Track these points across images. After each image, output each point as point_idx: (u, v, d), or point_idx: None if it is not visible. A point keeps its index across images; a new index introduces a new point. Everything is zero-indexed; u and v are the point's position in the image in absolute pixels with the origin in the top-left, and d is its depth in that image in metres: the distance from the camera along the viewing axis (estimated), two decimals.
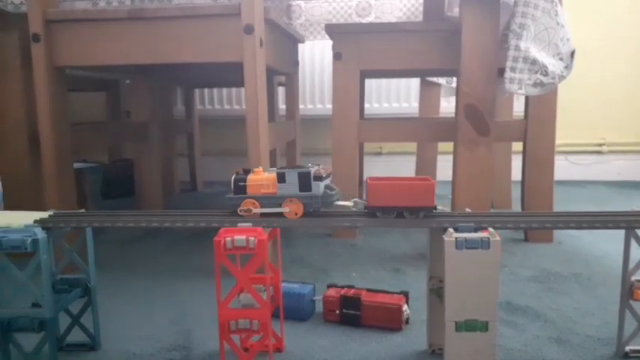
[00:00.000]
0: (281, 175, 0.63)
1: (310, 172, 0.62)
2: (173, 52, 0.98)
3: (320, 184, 0.63)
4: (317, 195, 0.63)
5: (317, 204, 0.63)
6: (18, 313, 0.61)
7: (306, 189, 0.63)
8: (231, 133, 2.13)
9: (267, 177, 0.64)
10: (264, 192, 0.64)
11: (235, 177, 0.65)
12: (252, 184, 0.64)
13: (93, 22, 0.99)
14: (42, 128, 1.02)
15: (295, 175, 0.63)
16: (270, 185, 0.64)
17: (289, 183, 0.63)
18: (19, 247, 0.60)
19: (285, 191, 0.63)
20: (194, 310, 0.86)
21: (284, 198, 0.63)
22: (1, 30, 1.11)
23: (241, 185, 0.64)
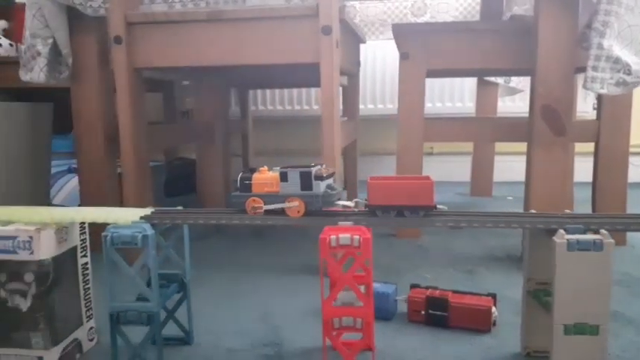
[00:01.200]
0: (283, 174, 0.65)
1: (311, 172, 0.64)
2: (251, 53, 1.00)
3: (321, 183, 0.64)
4: (318, 194, 0.64)
5: (318, 203, 0.64)
6: (128, 307, 0.63)
7: (307, 188, 0.64)
8: (283, 133, 2.15)
9: (271, 176, 0.66)
10: (268, 190, 0.65)
11: (241, 176, 0.67)
12: (257, 182, 0.66)
13: (173, 24, 1.01)
14: (122, 128, 1.05)
15: (297, 175, 0.64)
16: (273, 184, 0.65)
17: (291, 182, 0.64)
18: (129, 242, 0.62)
19: (287, 190, 0.64)
20: (278, 306, 0.87)
21: (286, 197, 0.64)
22: (80, 32, 1.15)
23: (246, 184, 0.66)
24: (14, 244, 0.64)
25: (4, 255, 0.64)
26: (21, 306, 0.65)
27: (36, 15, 1.10)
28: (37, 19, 1.10)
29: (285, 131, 2.14)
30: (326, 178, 0.65)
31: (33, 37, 1.09)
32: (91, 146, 1.17)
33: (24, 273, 0.65)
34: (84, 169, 1.18)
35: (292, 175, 0.64)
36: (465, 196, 1.81)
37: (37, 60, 1.10)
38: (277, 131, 2.15)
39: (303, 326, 0.80)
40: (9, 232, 0.64)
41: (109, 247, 0.62)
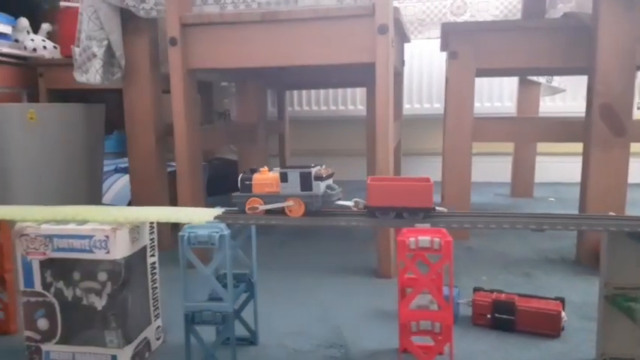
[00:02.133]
0: (283, 174, 0.65)
1: (311, 172, 0.64)
2: (306, 54, 0.99)
3: (320, 184, 0.64)
4: (317, 194, 0.64)
5: (317, 203, 0.64)
6: (203, 307, 0.64)
7: (307, 188, 0.64)
8: (319, 133, 2.15)
9: (271, 176, 0.66)
10: (268, 191, 0.66)
11: (242, 176, 0.67)
12: (257, 183, 0.66)
13: (227, 25, 1.02)
14: (177, 128, 1.06)
15: (297, 175, 0.64)
16: (273, 184, 0.66)
17: (291, 182, 0.65)
18: (206, 242, 0.62)
19: (287, 190, 0.65)
20: (335, 307, 0.87)
21: (286, 197, 0.65)
22: (132, 34, 1.16)
23: (247, 184, 0.66)
24: (91, 243, 0.65)
25: (81, 254, 0.65)
26: (96, 304, 0.66)
27: (91, 17, 1.11)
28: (93, 21, 1.11)
29: (321, 132, 2.14)
30: (325, 178, 0.66)
31: (89, 39, 1.11)
32: (143, 146, 1.19)
33: (98, 272, 0.66)
34: (135, 169, 1.20)
35: (292, 176, 0.65)
36: (504, 197, 1.78)
37: (93, 62, 1.12)
38: (313, 132, 2.15)
39: (365, 328, 0.79)
40: (86, 232, 0.65)
41: (185, 246, 0.62)
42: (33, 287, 0.67)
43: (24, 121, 0.94)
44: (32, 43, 1.86)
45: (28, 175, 0.96)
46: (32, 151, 0.97)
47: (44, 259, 0.66)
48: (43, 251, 0.66)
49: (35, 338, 0.68)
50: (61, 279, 0.66)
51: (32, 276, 0.67)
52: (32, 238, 0.66)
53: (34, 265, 0.66)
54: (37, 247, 0.66)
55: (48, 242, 0.66)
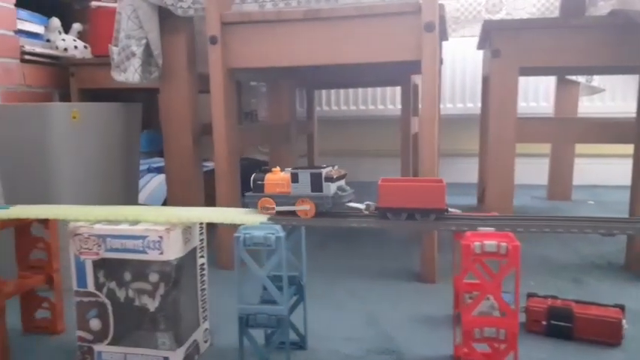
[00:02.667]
0: (294, 175, 0.65)
1: (321, 173, 0.64)
2: (349, 52, 0.98)
3: (331, 185, 0.64)
4: (328, 195, 0.63)
5: (328, 204, 0.64)
6: (258, 310, 0.62)
7: (317, 189, 0.64)
8: (347, 133, 2.13)
9: (282, 177, 0.66)
10: (280, 191, 0.66)
11: (254, 176, 0.67)
12: (269, 183, 0.66)
13: (268, 23, 1.01)
14: (216, 128, 1.05)
15: (307, 176, 0.64)
16: (284, 185, 0.65)
17: (302, 183, 0.64)
18: (262, 243, 0.61)
19: (298, 191, 0.65)
20: (382, 311, 0.85)
21: (297, 197, 0.64)
22: (170, 33, 1.16)
23: (259, 184, 0.67)
24: (144, 243, 0.64)
25: (134, 254, 0.64)
26: (148, 306, 0.65)
27: (130, 16, 1.11)
28: (132, 20, 1.11)
29: (350, 131, 2.12)
30: (336, 179, 0.65)
31: (128, 38, 1.11)
32: (179, 146, 1.18)
33: (150, 273, 0.65)
34: (172, 168, 1.19)
35: (303, 176, 0.64)
36: (541, 199, 1.74)
37: (132, 60, 1.11)
38: (342, 131, 2.13)
39: (414, 334, 0.77)
40: (139, 232, 0.64)
41: (241, 248, 0.61)
42: (86, 287, 0.66)
43: (68, 120, 0.94)
44: (64, 43, 1.88)
45: (70, 174, 0.96)
46: (74, 150, 0.97)
47: (97, 259, 0.65)
48: (96, 251, 0.65)
49: (87, 338, 0.67)
50: (114, 279, 0.65)
51: (85, 276, 0.66)
52: (85, 238, 0.65)
53: (87, 265, 0.66)
54: (90, 247, 0.65)
55: (101, 242, 0.65)
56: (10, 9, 1.65)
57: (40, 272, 0.78)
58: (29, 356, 0.73)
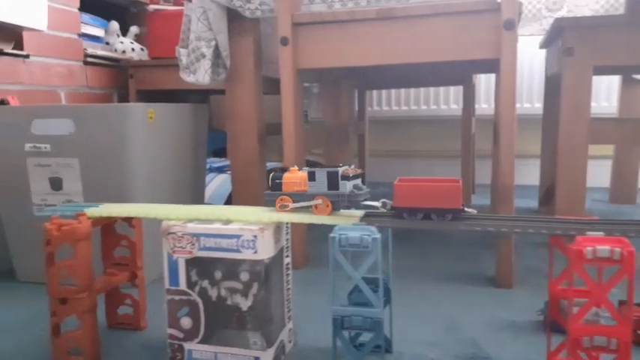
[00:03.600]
0: (311, 173, 0.66)
1: (338, 172, 0.65)
2: (423, 51, 0.96)
3: (347, 183, 0.65)
4: (344, 193, 0.64)
5: (344, 202, 0.65)
6: (353, 312, 0.62)
7: (333, 187, 0.65)
8: (397, 134, 2.11)
9: (300, 175, 0.67)
10: (297, 189, 0.67)
11: (273, 175, 0.69)
12: (287, 181, 0.68)
13: (340, 23, 1.00)
14: (286, 129, 1.05)
15: (324, 174, 0.65)
16: (301, 183, 0.67)
17: (319, 181, 0.66)
18: (358, 244, 0.60)
19: (315, 189, 0.66)
20: (462, 317, 0.83)
21: (314, 196, 0.66)
22: (237, 34, 1.17)
23: (277, 183, 0.68)
24: (238, 242, 0.64)
25: (227, 253, 0.65)
26: (240, 305, 0.65)
27: (200, 18, 1.13)
28: (202, 22, 1.13)
29: (400, 132, 2.10)
30: (352, 178, 0.66)
31: (198, 39, 1.13)
32: (245, 147, 1.19)
33: (240, 272, 0.65)
34: (237, 168, 1.20)
35: (320, 175, 0.66)
36: (603, 203, 1.68)
37: (202, 62, 1.13)
38: (393, 132, 2.12)
39: (500, 340, 0.75)
40: (233, 231, 0.64)
41: (336, 248, 0.61)
42: (178, 286, 0.67)
43: (144, 120, 0.96)
44: (122, 46, 1.92)
45: (146, 173, 0.98)
46: (150, 150, 0.99)
47: (190, 257, 0.66)
48: (189, 250, 0.66)
49: (178, 336, 0.68)
50: (206, 278, 0.66)
51: (177, 274, 0.67)
52: (179, 236, 0.66)
53: (180, 263, 0.66)
54: (184, 246, 0.66)
55: (195, 241, 0.65)
56: (74, 13, 1.70)
57: (125, 269, 0.80)
58: (117, 352, 0.74)
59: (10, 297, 0.97)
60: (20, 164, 0.98)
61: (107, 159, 0.94)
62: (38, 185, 0.98)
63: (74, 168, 0.96)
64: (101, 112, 0.93)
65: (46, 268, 0.69)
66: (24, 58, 1.52)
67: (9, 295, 0.97)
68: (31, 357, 0.73)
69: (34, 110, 0.96)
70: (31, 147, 0.97)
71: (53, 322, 0.70)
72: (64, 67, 1.67)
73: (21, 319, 0.86)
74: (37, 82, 1.57)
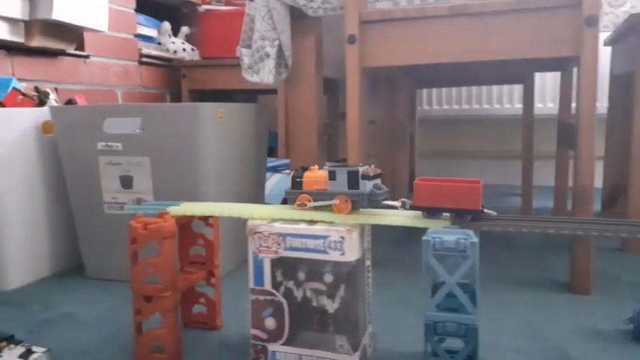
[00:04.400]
0: (332, 173, 0.66)
1: (358, 171, 0.65)
2: (498, 48, 0.93)
3: (367, 182, 0.65)
4: (364, 193, 0.65)
5: (363, 202, 0.65)
6: (447, 318, 0.60)
7: (354, 187, 0.65)
8: (447, 133, 2.07)
9: (320, 174, 0.68)
10: (318, 188, 0.68)
11: (294, 174, 0.69)
12: (308, 180, 0.68)
13: (409, 20, 0.98)
14: (350, 128, 1.04)
15: (345, 174, 0.65)
16: (322, 182, 0.67)
17: (339, 181, 0.66)
18: (453, 249, 0.58)
19: (335, 188, 0.66)
20: (542, 324, 0.80)
21: (334, 194, 0.66)
22: (300, 33, 1.16)
23: (298, 181, 0.69)
24: (325, 243, 0.63)
25: (313, 254, 0.64)
26: (327, 307, 0.64)
27: (264, 17, 1.12)
28: (266, 21, 1.12)
29: (450, 131, 2.07)
30: (372, 178, 0.66)
31: (262, 39, 1.12)
32: (304, 146, 1.19)
33: (324, 273, 0.64)
34: (297, 165, 1.20)
35: (340, 174, 0.66)
36: None
37: (266, 62, 1.13)
38: (442, 132, 2.08)
39: (590, 349, 0.72)
40: (320, 232, 0.63)
41: (430, 252, 0.59)
42: (263, 286, 0.67)
43: (215, 119, 0.96)
44: (173, 46, 1.95)
45: (214, 172, 0.98)
46: (218, 149, 0.99)
47: (276, 257, 0.65)
48: (275, 250, 0.65)
49: (262, 337, 0.67)
50: (291, 279, 0.65)
51: (262, 274, 0.66)
52: (265, 236, 0.65)
53: (265, 263, 0.66)
54: (270, 246, 0.65)
55: (281, 241, 0.65)
56: (131, 14, 1.74)
57: (201, 268, 0.80)
58: (197, 351, 0.74)
59: (82, 293, 0.99)
60: (92, 163, 1.00)
61: (178, 157, 0.95)
62: (109, 183, 1.00)
63: (145, 166, 0.97)
64: (173, 111, 0.94)
65: (131, 265, 0.69)
66: (85, 58, 1.56)
67: (80, 292, 0.99)
68: (113, 353, 0.74)
69: (107, 109, 0.98)
70: (103, 145, 0.98)
71: (137, 320, 0.71)
72: (121, 67, 1.70)
73: (96, 315, 0.88)
74: (96, 81, 1.60)
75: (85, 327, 0.83)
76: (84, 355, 0.73)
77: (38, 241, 1.05)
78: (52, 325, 0.84)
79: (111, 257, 1.04)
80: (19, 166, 1.00)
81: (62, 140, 1.01)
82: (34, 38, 1.34)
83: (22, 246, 1.02)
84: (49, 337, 0.79)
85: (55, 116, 1.01)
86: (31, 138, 1.02)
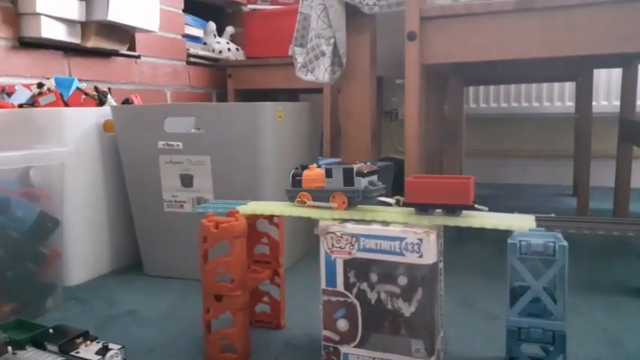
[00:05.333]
0: (328, 170, 0.69)
1: (353, 169, 0.67)
2: (568, 44, 0.90)
3: (362, 179, 0.67)
4: (358, 189, 0.67)
5: (358, 198, 0.67)
6: (533, 323, 0.58)
7: (349, 184, 0.67)
8: (494, 132, 2.03)
9: (318, 172, 0.70)
10: (316, 186, 0.70)
11: (293, 172, 0.72)
12: (306, 178, 0.71)
13: (473, 16, 0.96)
14: (409, 126, 1.02)
15: (340, 171, 0.68)
16: (319, 180, 0.70)
17: (335, 178, 0.68)
18: (541, 252, 0.56)
19: (332, 185, 0.69)
20: (624, 332, 0.76)
21: (331, 192, 0.69)
22: (354, 31, 1.15)
23: (297, 179, 0.72)
24: (402, 245, 0.62)
25: (388, 256, 0.62)
26: (403, 310, 0.63)
27: (320, 15, 1.12)
28: (322, 19, 1.12)
29: (497, 130, 2.02)
30: (367, 175, 0.68)
31: (318, 37, 1.12)
32: (358, 145, 1.17)
33: (398, 275, 0.63)
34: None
35: (336, 172, 0.68)
36: None
37: (321, 60, 1.12)
38: (489, 130, 2.03)
39: None
40: (397, 233, 0.62)
41: (516, 256, 0.57)
42: (335, 287, 0.66)
43: (275, 118, 0.96)
44: (218, 46, 1.97)
45: (273, 171, 0.98)
46: (277, 148, 0.99)
47: (349, 258, 0.64)
48: (348, 250, 0.64)
49: (334, 339, 0.66)
50: (364, 280, 0.64)
51: (335, 275, 0.65)
52: (338, 236, 0.64)
53: (338, 264, 0.65)
54: (343, 246, 0.64)
55: (354, 241, 0.64)
56: (179, 14, 1.76)
57: (266, 267, 0.80)
58: (264, 350, 0.74)
59: (142, 290, 1.00)
60: (152, 161, 1.01)
61: (238, 156, 0.95)
62: (169, 182, 1.01)
63: (205, 165, 0.97)
64: (235, 110, 0.94)
65: (201, 264, 0.69)
66: (136, 58, 1.59)
67: (140, 289, 1.01)
68: (181, 351, 0.74)
69: (167, 109, 0.99)
70: (164, 144, 0.99)
71: (206, 319, 0.71)
72: (170, 66, 1.72)
73: (159, 312, 0.89)
74: (146, 81, 1.63)
75: (150, 324, 0.84)
76: (152, 353, 0.74)
77: (99, 237, 1.08)
78: (117, 322, 0.85)
79: (169, 255, 1.05)
80: (82, 165, 1.03)
81: (123, 139, 1.03)
82: (90, 39, 1.37)
83: (84, 242, 1.04)
84: (116, 333, 0.81)
85: (116, 115, 1.03)
86: (93, 137, 1.04)
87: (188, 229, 1.01)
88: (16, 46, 1.25)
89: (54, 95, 1.04)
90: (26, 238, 0.86)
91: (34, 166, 0.87)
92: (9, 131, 0.99)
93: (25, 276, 0.86)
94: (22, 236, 0.85)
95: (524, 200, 1.76)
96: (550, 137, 1.97)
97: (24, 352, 0.64)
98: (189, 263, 1.01)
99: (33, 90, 1.06)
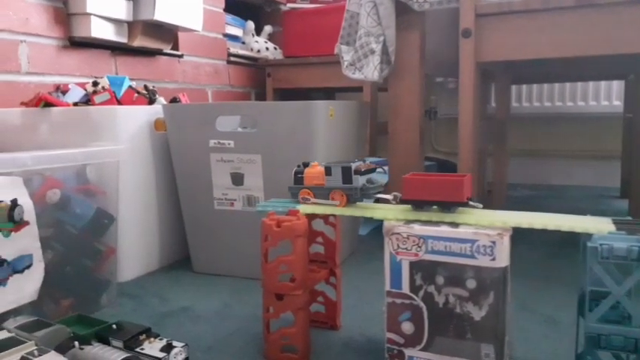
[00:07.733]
0: (328, 169, 0.71)
1: (351, 167, 0.69)
2: (631, 41, 0.87)
3: (359, 177, 0.69)
4: (356, 187, 0.69)
5: (356, 195, 0.69)
6: (613, 330, 0.55)
7: (347, 181, 0.70)
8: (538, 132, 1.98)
9: (319, 170, 0.72)
10: (316, 183, 0.72)
11: (296, 170, 0.74)
12: (308, 176, 0.73)
13: (530, 13, 0.93)
14: (462, 124, 1.00)
15: (339, 169, 0.70)
16: (320, 177, 0.72)
17: (334, 176, 0.70)
18: (624, 257, 0.54)
19: (331, 183, 0.71)
20: None
21: (330, 189, 0.70)
22: (404, 29, 1.13)
23: (299, 177, 0.74)
24: (473, 248, 0.60)
25: (459, 258, 0.61)
26: (473, 314, 0.61)
27: (370, 13, 1.10)
28: (371, 17, 1.10)
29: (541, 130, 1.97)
30: (365, 172, 0.70)
31: (367, 35, 1.10)
32: (406, 143, 1.16)
33: (467, 278, 0.61)
34: (396, 165, 1.17)
35: (335, 170, 0.70)
36: None
37: (370, 58, 1.11)
38: (532, 130, 1.99)
39: None
40: (468, 235, 0.60)
41: (596, 260, 0.55)
42: (400, 289, 0.64)
43: (326, 117, 0.95)
44: (257, 45, 1.97)
45: None
46: (329, 146, 0.98)
47: (415, 260, 0.63)
48: (415, 252, 0.63)
49: (398, 342, 0.65)
50: (432, 283, 0.63)
51: (400, 277, 0.64)
52: (404, 237, 0.63)
53: (404, 265, 0.64)
54: (409, 248, 0.63)
55: (421, 243, 0.62)
56: (220, 13, 1.77)
57: (322, 267, 0.79)
58: (323, 351, 0.73)
59: (193, 288, 1.00)
60: (203, 159, 1.01)
61: (290, 155, 0.95)
62: (220, 180, 1.01)
63: (256, 164, 0.97)
64: (287, 109, 0.94)
65: (262, 263, 0.69)
66: (179, 57, 1.60)
67: (191, 286, 1.01)
68: (239, 350, 0.74)
69: (219, 107, 0.99)
70: (215, 143, 1.00)
71: (267, 318, 0.70)
72: (211, 66, 1.74)
73: (213, 310, 0.89)
74: (188, 80, 1.65)
75: (205, 322, 0.84)
76: (211, 351, 0.74)
77: (149, 234, 1.09)
78: (172, 319, 0.85)
79: (218, 253, 1.05)
80: (135, 162, 1.04)
81: (174, 137, 1.04)
82: (136, 38, 1.39)
83: (136, 239, 1.05)
84: (172, 330, 0.81)
85: (167, 114, 1.03)
86: (144, 135, 1.05)
87: (238, 227, 1.01)
88: (67, 46, 1.27)
89: (108, 93, 1.05)
90: (84, 234, 0.87)
91: (90, 164, 0.88)
92: (65, 129, 1.01)
93: (82, 272, 0.88)
94: (80, 232, 0.87)
95: (571, 202, 1.71)
96: (596, 137, 1.91)
97: (91, 348, 0.65)
98: (238, 261, 1.02)
99: (88, 88, 1.07)
